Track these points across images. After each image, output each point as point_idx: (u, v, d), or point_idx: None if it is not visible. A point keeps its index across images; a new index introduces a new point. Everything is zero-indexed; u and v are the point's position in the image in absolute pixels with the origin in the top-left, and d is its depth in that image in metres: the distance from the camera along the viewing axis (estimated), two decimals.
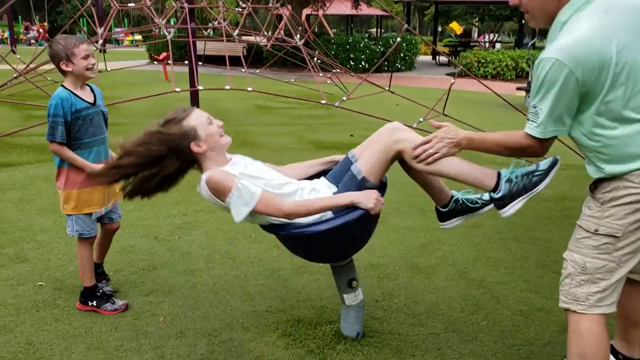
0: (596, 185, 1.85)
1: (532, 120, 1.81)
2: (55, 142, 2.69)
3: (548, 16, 1.83)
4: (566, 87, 1.70)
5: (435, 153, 2.11)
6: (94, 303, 2.85)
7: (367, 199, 2.16)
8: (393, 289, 3.12)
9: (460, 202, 2.38)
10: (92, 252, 2.94)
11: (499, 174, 2.17)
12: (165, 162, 2.24)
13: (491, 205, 2.28)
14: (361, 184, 2.24)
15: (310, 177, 2.52)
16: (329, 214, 2.23)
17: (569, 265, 1.88)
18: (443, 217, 2.47)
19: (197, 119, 2.28)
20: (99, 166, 2.71)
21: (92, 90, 2.88)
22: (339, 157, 2.53)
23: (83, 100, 2.76)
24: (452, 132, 2.09)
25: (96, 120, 2.83)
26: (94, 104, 2.82)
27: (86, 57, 2.71)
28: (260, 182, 2.24)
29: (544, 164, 2.14)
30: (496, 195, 2.16)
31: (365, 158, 2.28)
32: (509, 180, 2.14)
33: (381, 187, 2.33)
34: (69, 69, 2.70)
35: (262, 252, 3.60)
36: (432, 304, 2.96)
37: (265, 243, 3.72)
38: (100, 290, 2.89)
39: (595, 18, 1.71)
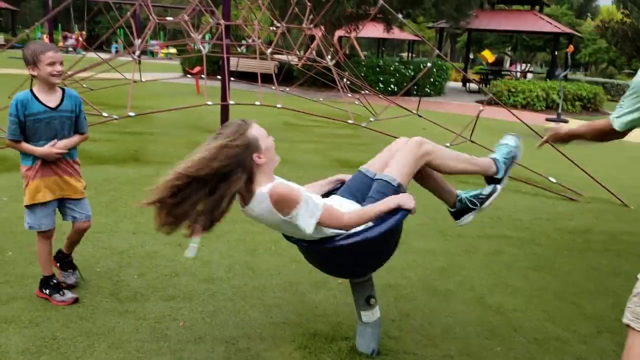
0: None
1: (614, 113, 2.10)
2: (8, 138, 2.89)
3: None
4: None
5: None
6: (47, 291, 3.03)
7: (407, 200, 2.33)
8: (410, 310, 3.15)
9: (463, 200, 2.75)
10: (50, 245, 3.08)
11: (495, 161, 2.73)
12: (232, 178, 2.13)
13: (493, 197, 2.74)
14: (398, 190, 2.41)
15: (326, 195, 2.62)
16: (370, 223, 2.34)
17: (639, 284, 1.88)
18: (456, 216, 2.79)
19: (258, 130, 2.27)
20: (43, 148, 2.89)
21: (63, 96, 2.99)
22: (345, 176, 2.72)
23: (42, 104, 2.90)
24: (556, 129, 2.59)
25: (55, 124, 2.95)
26: (54, 108, 2.94)
27: (51, 64, 2.84)
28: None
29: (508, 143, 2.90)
30: (499, 176, 2.73)
31: (396, 167, 2.46)
32: (504, 162, 2.76)
33: None
34: (34, 73, 2.87)
35: (282, 265, 3.66)
36: (448, 326, 2.97)
37: (285, 256, 3.78)
38: (54, 281, 3.05)
39: None
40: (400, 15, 9.49)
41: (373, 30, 27.05)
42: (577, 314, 3.21)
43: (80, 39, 30.62)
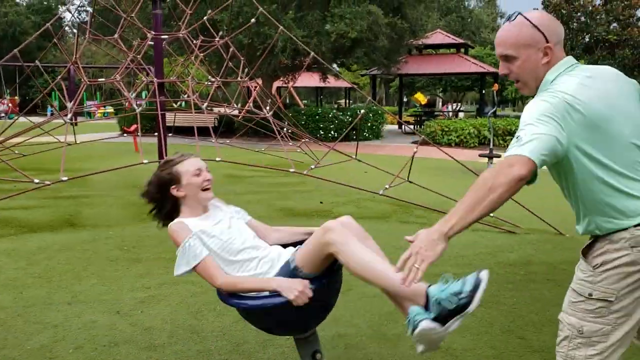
0: (589, 248, 1.85)
1: (516, 146, 1.68)
2: None
3: (539, 80, 1.88)
4: (550, 120, 1.68)
5: (424, 264, 1.69)
6: None
7: (290, 289, 2.15)
8: (361, 359, 3.09)
9: (439, 302, 2.03)
10: None
11: (427, 295, 2.07)
12: (162, 202, 2.52)
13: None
14: (292, 273, 2.26)
15: (293, 244, 2.58)
16: (264, 292, 2.26)
17: (565, 328, 1.87)
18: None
19: (186, 166, 2.47)
20: None
21: None
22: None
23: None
24: (424, 232, 1.72)
25: None
26: None
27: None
28: (214, 242, 2.34)
29: (469, 283, 2.02)
30: (429, 316, 2.03)
31: (303, 248, 2.31)
32: (437, 302, 2.01)
33: (326, 274, 2.32)
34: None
35: (227, 326, 3.55)
36: None
37: (230, 316, 3.66)
38: None
39: (579, 79, 1.80)
40: (335, 65, 9.72)
41: (310, 79, 27.66)
42: (524, 347, 3.24)
43: (10, 105, 29.78)
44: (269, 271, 2.35)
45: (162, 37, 8.40)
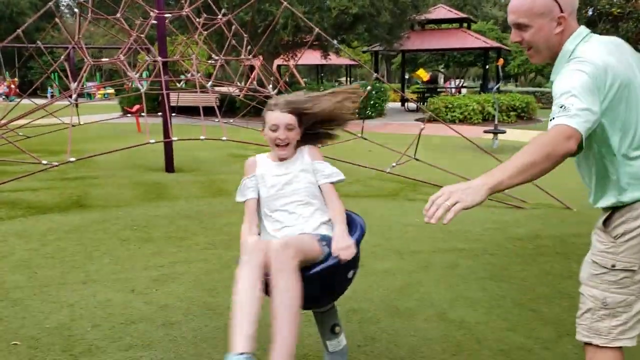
0: (608, 219, 1.85)
1: (564, 115, 1.64)
2: None
3: (552, 50, 1.88)
4: (589, 83, 1.68)
5: (455, 204, 1.62)
6: None
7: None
8: (375, 333, 3.13)
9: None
10: None
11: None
12: None
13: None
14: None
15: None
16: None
17: (588, 301, 1.87)
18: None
19: (268, 117, 2.58)
20: None
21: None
22: None
23: None
24: (466, 185, 1.67)
25: None
26: None
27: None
28: (264, 191, 2.52)
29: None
30: None
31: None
32: None
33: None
34: None
35: None
36: (414, 346, 2.97)
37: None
38: None
39: (599, 45, 1.81)
40: (335, 42, 9.65)
41: (311, 57, 27.44)
42: (536, 320, 3.28)
43: (12, 86, 29.64)
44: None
45: (165, 15, 8.32)
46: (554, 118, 1.66)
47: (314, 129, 2.66)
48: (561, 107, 1.66)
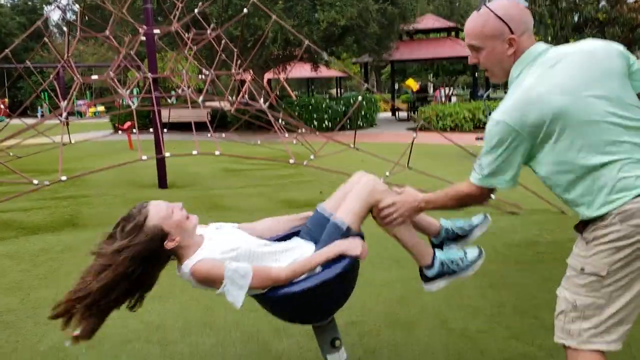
0: (583, 224, 1.88)
1: (476, 172, 1.96)
2: None
3: (506, 70, 1.92)
4: (512, 147, 1.83)
5: (399, 217, 2.28)
6: None
7: (355, 245, 2.23)
8: (375, 346, 3.09)
9: (450, 230, 2.58)
10: None
11: (434, 255, 2.43)
12: (143, 275, 2.13)
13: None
14: (347, 234, 2.27)
15: (288, 236, 2.52)
16: (318, 269, 2.23)
17: (561, 302, 1.90)
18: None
19: (156, 215, 2.10)
20: None
21: None
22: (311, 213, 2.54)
23: None
24: (411, 196, 2.27)
25: None
26: None
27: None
28: (239, 256, 2.18)
29: (470, 253, 2.47)
30: (428, 273, 2.43)
31: (346, 209, 2.31)
32: (442, 263, 2.42)
33: (360, 236, 2.37)
34: None
35: (240, 318, 3.53)
36: (415, 358, 2.93)
37: (242, 308, 3.63)
38: None
39: (538, 73, 1.82)
40: (324, 54, 9.68)
41: (301, 70, 27.55)
42: (539, 327, 3.24)
43: (2, 106, 29.54)
44: (308, 251, 2.30)
45: (154, 31, 8.31)
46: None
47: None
48: (479, 165, 1.96)
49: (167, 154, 6.92)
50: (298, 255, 2.28)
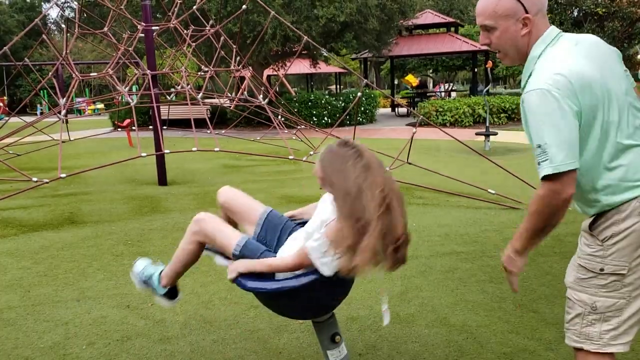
0: (594, 221, 1.80)
1: (542, 160, 1.69)
2: None
3: (520, 52, 1.84)
4: (564, 112, 1.66)
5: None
6: None
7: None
8: (376, 341, 3.09)
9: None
10: None
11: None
12: None
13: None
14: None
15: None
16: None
17: (576, 305, 1.82)
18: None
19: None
20: None
21: None
22: None
23: None
24: (506, 261, 1.96)
25: None
26: None
27: None
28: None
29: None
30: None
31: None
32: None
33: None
34: None
35: (239, 314, 3.53)
36: (416, 353, 2.93)
37: (241, 304, 3.65)
38: None
39: (568, 47, 1.77)
40: (324, 50, 9.66)
41: (300, 66, 27.49)
42: (538, 321, 3.25)
43: (1, 104, 29.51)
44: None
45: (153, 27, 8.29)
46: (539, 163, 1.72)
47: None
48: (544, 152, 1.72)
49: (166, 151, 6.91)
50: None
